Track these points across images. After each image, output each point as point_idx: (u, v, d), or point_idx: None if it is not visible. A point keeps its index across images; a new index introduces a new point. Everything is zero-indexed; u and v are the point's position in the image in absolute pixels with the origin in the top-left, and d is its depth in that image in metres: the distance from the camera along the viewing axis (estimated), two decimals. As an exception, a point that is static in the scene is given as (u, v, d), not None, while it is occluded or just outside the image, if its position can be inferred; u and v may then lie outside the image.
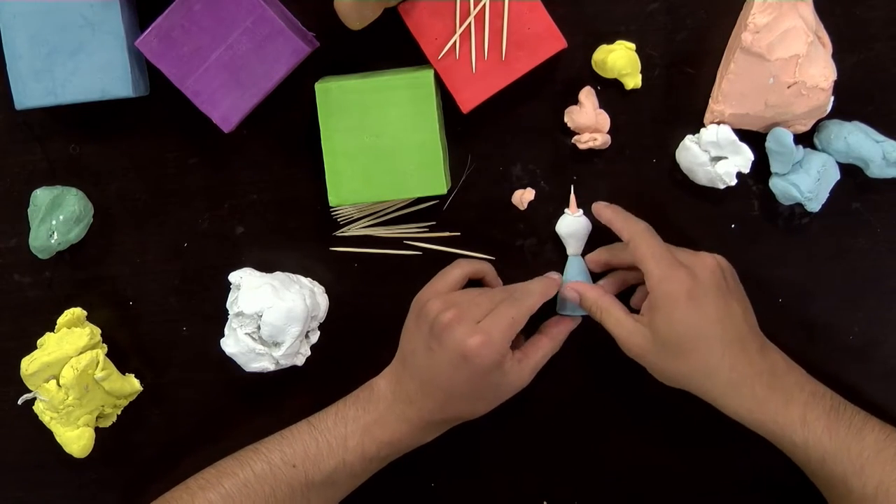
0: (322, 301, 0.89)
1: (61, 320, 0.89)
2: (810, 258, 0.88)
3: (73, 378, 0.86)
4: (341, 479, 0.84)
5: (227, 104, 0.84)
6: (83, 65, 0.84)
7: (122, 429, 0.92)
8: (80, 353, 0.88)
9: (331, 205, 0.86)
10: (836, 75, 0.81)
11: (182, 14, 0.82)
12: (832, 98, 0.82)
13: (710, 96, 0.85)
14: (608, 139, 0.87)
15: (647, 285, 0.80)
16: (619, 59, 0.85)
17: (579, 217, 0.88)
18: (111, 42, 0.84)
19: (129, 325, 0.93)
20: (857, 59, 0.85)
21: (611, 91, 0.87)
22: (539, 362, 0.85)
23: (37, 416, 0.90)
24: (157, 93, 0.88)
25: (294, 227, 0.91)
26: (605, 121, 0.87)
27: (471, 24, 0.83)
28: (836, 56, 0.82)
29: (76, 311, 0.90)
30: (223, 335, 0.88)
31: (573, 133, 0.88)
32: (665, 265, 0.80)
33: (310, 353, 0.90)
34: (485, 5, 0.83)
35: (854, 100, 0.85)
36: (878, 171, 0.84)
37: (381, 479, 0.87)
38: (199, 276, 0.92)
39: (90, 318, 0.91)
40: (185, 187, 0.91)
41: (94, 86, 0.85)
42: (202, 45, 0.82)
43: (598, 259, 0.88)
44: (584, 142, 0.87)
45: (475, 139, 0.89)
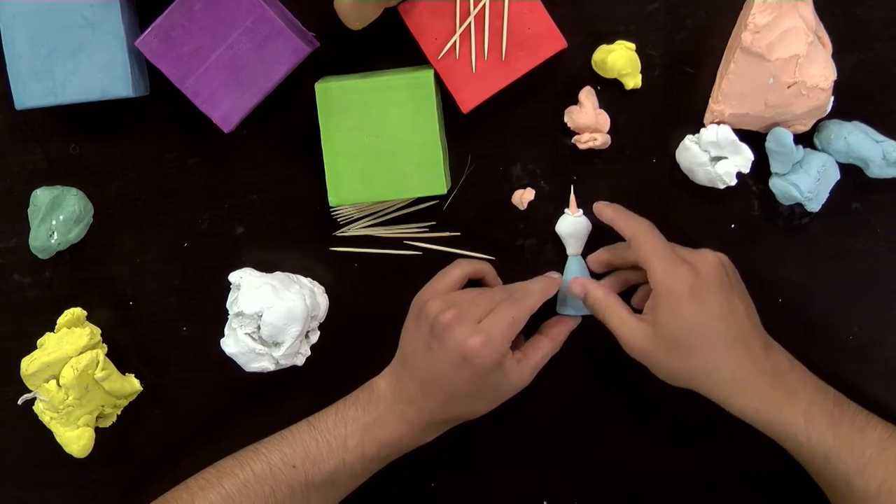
0: (322, 301, 0.89)
1: (61, 320, 0.89)
2: (810, 258, 0.88)
3: (73, 378, 0.86)
4: (341, 479, 0.84)
5: (227, 104, 0.84)
6: (83, 65, 0.84)
7: (122, 429, 0.92)
8: (80, 353, 0.87)
9: (331, 205, 0.86)
10: (836, 75, 0.81)
11: (182, 14, 0.82)
12: (832, 98, 0.82)
13: (710, 96, 0.85)
14: (608, 139, 0.87)
15: (651, 282, 0.80)
16: (619, 59, 0.85)
17: (579, 217, 0.88)
18: (111, 42, 0.84)
19: (129, 325, 0.93)
20: (857, 59, 0.85)
21: (611, 91, 0.87)
22: (539, 362, 0.85)
23: (37, 416, 0.90)
24: (157, 93, 0.88)
25: (294, 227, 0.91)
26: (605, 121, 0.87)
27: (471, 24, 0.83)
28: (836, 56, 0.82)
29: (76, 311, 0.90)
30: (223, 335, 0.88)
31: (573, 133, 0.88)
32: (668, 262, 0.80)
33: (310, 353, 0.90)
34: (485, 5, 0.83)
35: (854, 100, 0.85)
36: (878, 171, 0.84)
37: (381, 479, 0.87)
38: (199, 276, 0.92)
39: (90, 318, 0.91)
40: (185, 187, 0.91)
41: (94, 86, 0.85)
42: (202, 45, 0.82)
43: (601, 259, 0.88)
44: (584, 142, 0.87)
45: (475, 139, 0.89)
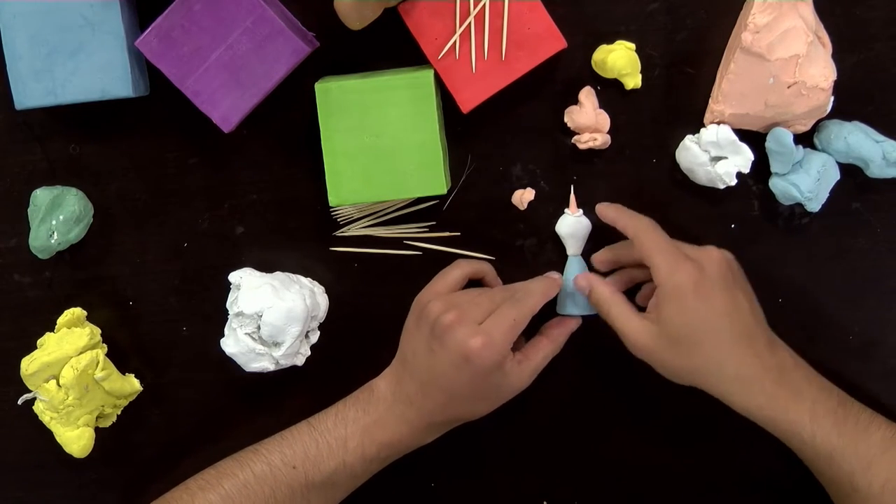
0: (322, 301, 0.89)
1: (61, 320, 0.89)
2: (810, 258, 0.88)
3: (73, 378, 0.86)
4: (341, 480, 0.84)
5: (227, 104, 0.84)
6: (83, 65, 0.84)
7: (122, 429, 0.92)
8: (80, 353, 0.87)
9: (331, 205, 0.86)
10: (836, 75, 0.81)
11: (182, 14, 0.82)
12: (832, 98, 0.82)
13: (710, 96, 0.85)
14: (608, 139, 0.87)
15: (655, 279, 0.80)
16: (619, 59, 0.85)
17: (579, 217, 0.88)
18: (111, 42, 0.84)
19: (129, 325, 0.93)
20: (857, 59, 0.85)
21: (611, 91, 0.87)
22: (540, 364, 0.85)
23: (37, 416, 0.90)
24: (157, 93, 0.88)
25: (294, 227, 0.91)
26: (605, 121, 0.87)
27: (471, 24, 0.83)
28: (836, 56, 0.82)
29: (76, 311, 0.90)
30: (223, 335, 0.88)
31: (573, 133, 0.88)
32: (672, 259, 0.80)
33: (310, 353, 0.90)
34: (485, 5, 0.83)
35: (854, 100, 0.85)
36: (878, 171, 0.84)
37: (381, 480, 0.87)
38: (199, 276, 0.92)
39: (90, 318, 0.91)
40: (185, 187, 0.91)
41: (94, 86, 0.85)
42: (202, 45, 0.82)
43: (605, 258, 0.88)
44: (584, 142, 0.87)
45: (475, 139, 0.89)
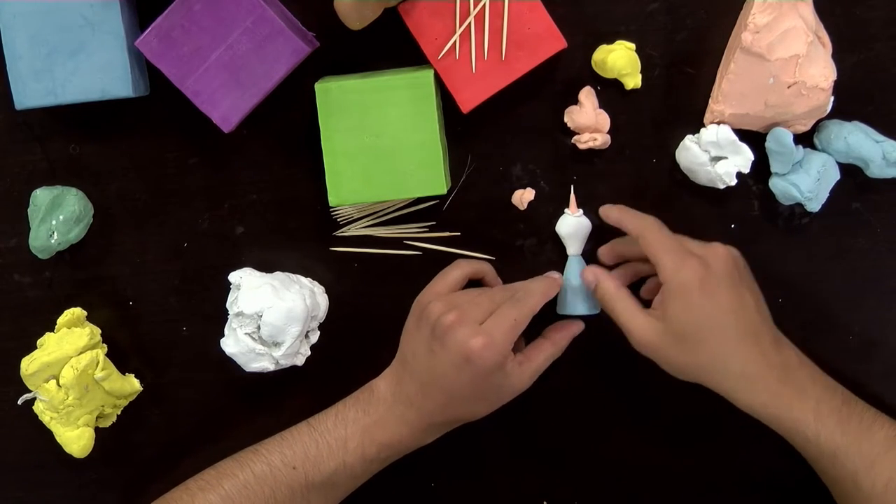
0: (322, 301, 0.89)
1: (61, 320, 0.89)
2: (810, 258, 0.88)
3: (73, 378, 0.86)
4: (341, 480, 0.84)
5: (227, 104, 0.84)
6: (83, 65, 0.84)
7: (122, 429, 0.92)
8: (80, 353, 0.87)
9: (331, 205, 0.86)
10: (836, 75, 0.81)
11: (182, 14, 0.82)
12: (832, 98, 0.82)
13: (710, 96, 0.85)
14: (608, 139, 0.87)
15: (661, 277, 0.80)
16: (619, 59, 0.85)
17: (579, 217, 0.88)
18: (111, 42, 0.84)
19: (129, 325, 0.93)
20: (857, 59, 0.85)
21: (611, 91, 0.87)
22: (541, 365, 0.85)
23: (37, 416, 0.90)
24: (157, 93, 0.88)
25: (294, 227, 0.91)
26: (605, 121, 0.87)
27: (471, 24, 0.83)
28: (836, 56, 0.82)
29: (76, 311, 0.90)
30: (223, 335, 0.88)
31: (573, 133, 0.88)
32: (677, 256, 0.79)
33: (310, 353, 0.90)
34: (485, 5, 0.83)
35: (854, 100, 0.85)
36: (878, 171, 0.84)
37: (381, 480, 0.87)
38: (199, 276, 0.92)
39: (90, 318, 0.91)
40: (185, 187, 0.91)
41: (94, 86, 0.85)
42: (202, 45, 0.82)
43: (611, 251, 0.87)
44: (584, 142, 0.87)
45: (475, 139, 0.89)
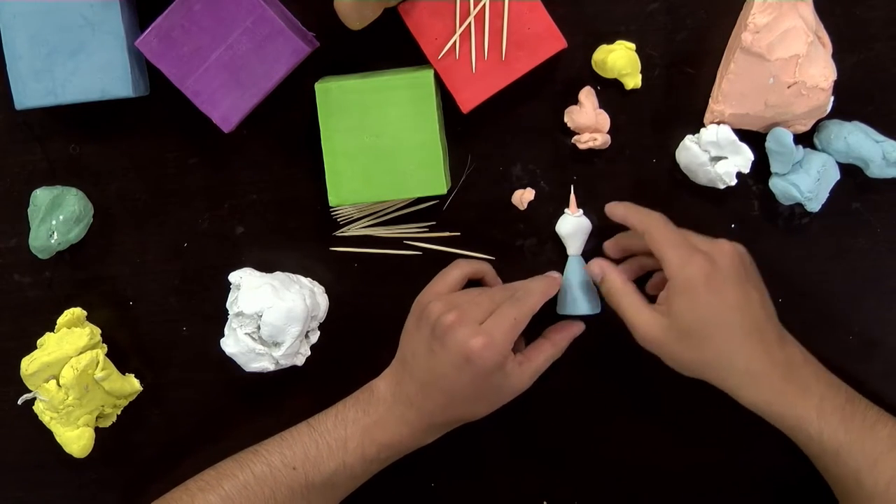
0: (322, 301, 0.89)
1: (61, 320, 0.89)
2: (810, 258, 0.88)
3: (73, 378, 0.86)
4: (341, 480, 0.84)
5: (227, 104, 0.84)
6: (83, 65, 0.84)
7: (122, 429, 0.92)
8: (80, 353, 0.87)
9: (331, 205, 0.86)
10: (836, 75, 0.81)
11: (182, 14, 0.82)
12: (832, 98, 0.82)
13: (710, 96, 0.85)
14: (608, 139, 0.87)
15: (666, 273, 0.80)
16: (619, 59, 0.85)
17: (579, 217, 0.88)
18: (111, 42, 0.84)
19: (129, 325, 0.93)
20: (857, 59, 0.85)
21: (611, 91, 0.87)
22: (541, 366, 0.85)
23: (37, 416, 0.90)
24: (157, 93, 0.88)
25: (294, 227, 0.91)
26: (605, 121, 0.87)
27: (471, 24, 0.83)
28: (836, 56, 0.82)
29: (76, 311, 0.90)
30: (223, 335, 0.88)
31: (573, 133, 0.88)
32: (683, 251, 0.79)
33: (310, 353, 0.90)
34: (485, 5, 0.83)
35: (854, 100, 0.85)
36: (878, 171, 0.84)
37: (381, 480, 0.87)
38: (199, 276, 0.92)
39: (90, 318, 0.91)
40: (185, 187, 0.91)
41: (94, 86, 0.85)
42: (202, 45, 0.82)
43: (617, 245, 0.87)
44: (584, 142, 0.87)
45: (475, 139, 0.89)
